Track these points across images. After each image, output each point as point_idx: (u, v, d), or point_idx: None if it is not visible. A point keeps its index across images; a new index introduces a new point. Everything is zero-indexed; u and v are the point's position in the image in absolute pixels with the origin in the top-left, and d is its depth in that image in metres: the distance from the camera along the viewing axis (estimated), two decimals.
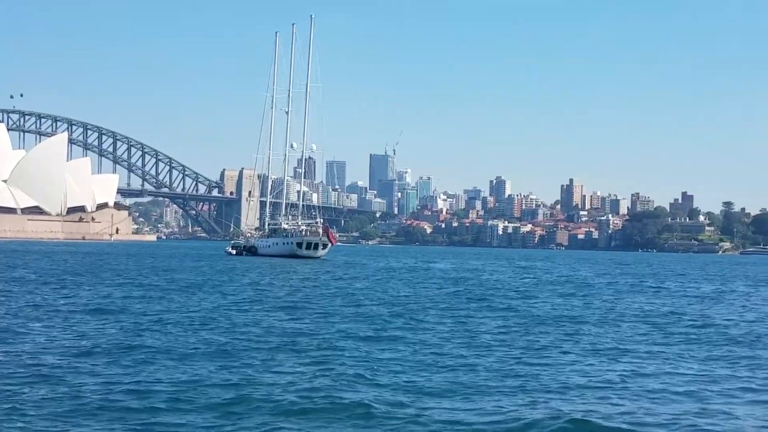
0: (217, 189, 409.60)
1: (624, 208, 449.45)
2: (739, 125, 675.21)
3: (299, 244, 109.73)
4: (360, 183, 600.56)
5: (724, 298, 52.53)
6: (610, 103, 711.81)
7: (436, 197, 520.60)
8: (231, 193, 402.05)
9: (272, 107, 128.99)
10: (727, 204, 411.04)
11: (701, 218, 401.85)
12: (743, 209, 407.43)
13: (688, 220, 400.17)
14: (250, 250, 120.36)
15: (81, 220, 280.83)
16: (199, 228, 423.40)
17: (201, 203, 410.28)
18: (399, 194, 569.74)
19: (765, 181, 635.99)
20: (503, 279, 72.01)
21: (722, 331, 31.54)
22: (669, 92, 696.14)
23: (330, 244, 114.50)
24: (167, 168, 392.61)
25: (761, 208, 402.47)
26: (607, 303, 44.58)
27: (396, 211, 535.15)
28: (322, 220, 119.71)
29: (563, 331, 29.50)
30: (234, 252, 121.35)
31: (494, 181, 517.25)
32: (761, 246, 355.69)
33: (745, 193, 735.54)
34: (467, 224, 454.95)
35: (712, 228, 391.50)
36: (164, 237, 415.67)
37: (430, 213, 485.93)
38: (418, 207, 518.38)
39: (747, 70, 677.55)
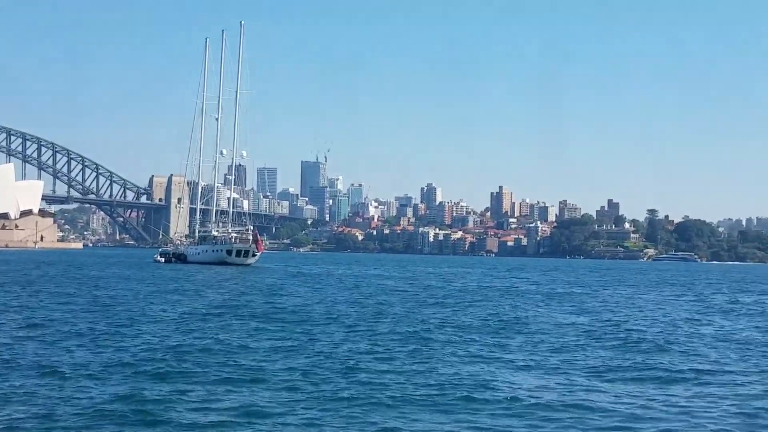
0: (145, 196, 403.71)
1: (552, 215, 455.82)
2: (662, 134, 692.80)
3: (229, 252, 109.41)
4: (291, 190, 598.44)
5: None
6: (539, 111, 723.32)
7: (367, 204, 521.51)
8: (160, 200, 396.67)
9: (202, 113, 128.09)
10: (652, 212, 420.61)
11: (627, 225, 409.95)
12: (667, 216, 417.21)
13: (614, 227, 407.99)
14: (180, 258, 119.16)
15: (4, 227, 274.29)
16: (127, 235, 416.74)
17: (129, 210, 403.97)
18: (330, 201, 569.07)
19: (687, 190, 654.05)
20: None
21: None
22: (595, 101, 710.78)
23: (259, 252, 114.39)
24: (94, 174, 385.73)
25: (684, 215, 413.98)
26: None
27: (327, 218, 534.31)
28: (252, 227, 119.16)
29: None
30: (163, 260, 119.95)
31: (425, 189, 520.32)
32: (674, 253, 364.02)
33: (668, 201, 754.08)
34: (399, 231, 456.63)
35: (637, 235, 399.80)
36: (91, 244, 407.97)
37: (361, 220, 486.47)
38: (350, 214, 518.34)
39: (670, 80, 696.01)
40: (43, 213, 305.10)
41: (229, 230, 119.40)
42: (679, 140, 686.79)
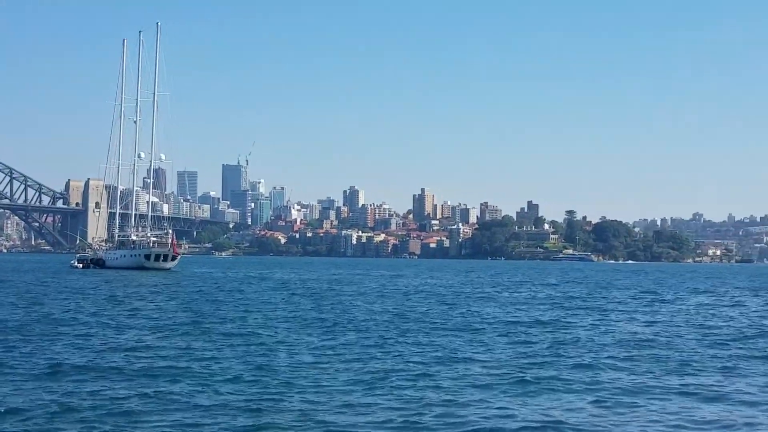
0: (62, 200, 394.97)
1: (474, 217, 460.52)
2: (579, 136, 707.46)
3: (147, 256, 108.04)
4: (212, 193, 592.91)
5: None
6: (460, 113, 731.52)
7: (290, 207, 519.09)
8: (77, 204, 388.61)
9: (121, 116, 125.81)
10: (570, 213, 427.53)
11: (546, 226, 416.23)
12: (584, 217, 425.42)
13: (533, 228, 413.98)
14: (98, 263, 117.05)
15: None
16: (43, 240, 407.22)
17: (45, 215, 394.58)
18: (252, 205, 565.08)
19: (604, 191, 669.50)
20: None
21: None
22: (514, 104, 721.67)
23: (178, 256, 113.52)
24: (7, 178, 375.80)
25: (601, 216, 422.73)
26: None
27: (250, 222, 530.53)
28: (170, 231, 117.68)
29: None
30: (80, 265, 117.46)
31: (348, 191, 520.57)
32: (571, 253, 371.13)
33: (587, 202, 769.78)
34: (321, 234, 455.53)
35: (556, 236, 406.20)
36: (5, 250, 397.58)
37: (284, 223, 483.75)
38: (272, 217, 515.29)
39: (587, 82, 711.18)
40: None
41: (148, 234, 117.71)
42: (596, 142, 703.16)
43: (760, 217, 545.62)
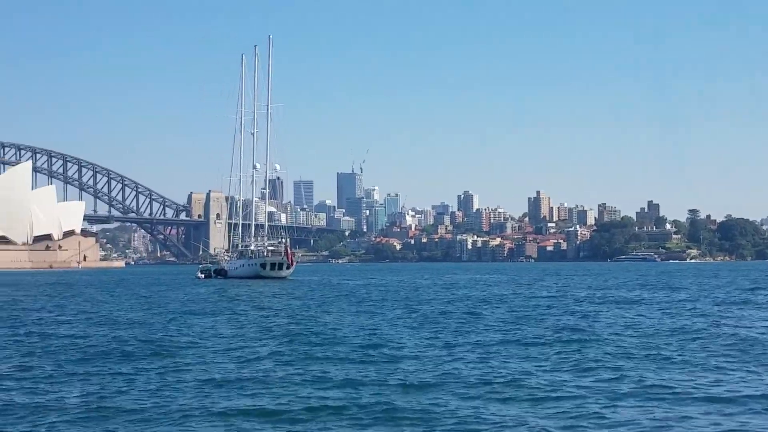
0: (184, 212, 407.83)
1: (591, 218, 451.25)
2: (702, 132, 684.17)
3: (263, 265, 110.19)
4: (328, 202, 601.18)
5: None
6: (574, 114, 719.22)
7: (404, 214, 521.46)
8: (199, 216, 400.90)
9: (241, 129, 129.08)
10: (693, 211, 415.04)
11: (668, 226, 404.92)
12: (708, 216, 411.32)
13: (654, 228, 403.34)
14: (220, 273, 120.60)
15: (48, 248, 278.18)
16: (168, 252, 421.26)
17: (169, 227, 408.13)
18: (367, 212, 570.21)
19: (729, 188, 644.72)
20: None
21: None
22: (632, 102, 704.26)
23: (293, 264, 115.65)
24: (133, 193, 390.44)
25: (726, 214, 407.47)
26: None
27: (365, 229, 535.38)
28: (285, 240, 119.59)
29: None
30: (203, 276, 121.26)
31: (462, 196, 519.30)
32: (634, 254, 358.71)
33: (710, 200, 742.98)
34: (436, 239, 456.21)
35: (679, 236, 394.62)
36: (133, 263, 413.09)
37: (399, 229, 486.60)
38: (387, 224, 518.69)
39: (707, 76, 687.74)
40: (85, 233, 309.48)
41: (265, 244, 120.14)
42: (718, 137, 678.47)
43: None
